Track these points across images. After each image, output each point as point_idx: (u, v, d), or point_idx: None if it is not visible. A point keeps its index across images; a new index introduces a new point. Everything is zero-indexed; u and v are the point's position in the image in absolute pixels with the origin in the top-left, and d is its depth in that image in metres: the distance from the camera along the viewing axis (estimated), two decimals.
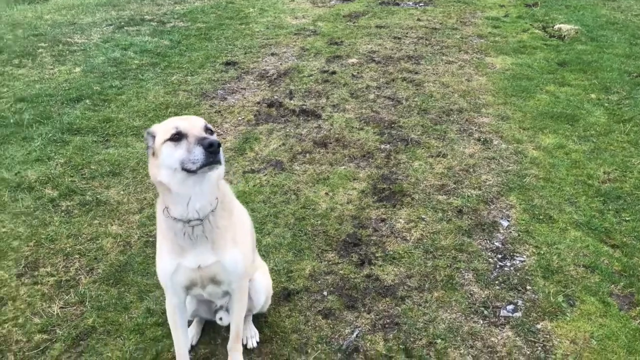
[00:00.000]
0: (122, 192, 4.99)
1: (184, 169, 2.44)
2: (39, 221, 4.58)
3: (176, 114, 6.47)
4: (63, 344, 3.45)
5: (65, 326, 3.57)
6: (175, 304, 2.88)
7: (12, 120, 6.23)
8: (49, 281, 3.95)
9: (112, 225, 4.55)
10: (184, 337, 3.00)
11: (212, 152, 2.40)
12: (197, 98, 7.01)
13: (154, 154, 2.52)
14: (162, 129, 2.53)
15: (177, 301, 2.87)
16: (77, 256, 4.20)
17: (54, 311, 3.68)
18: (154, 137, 2.53)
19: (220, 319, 3.20)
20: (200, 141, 2.40)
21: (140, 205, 4.80)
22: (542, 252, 4.24)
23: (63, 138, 5.90)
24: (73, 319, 3.63)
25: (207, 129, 2.54)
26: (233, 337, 3.11)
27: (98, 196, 4.92)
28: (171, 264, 2.69)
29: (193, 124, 2.52)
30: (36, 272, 4.03)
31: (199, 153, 2.39)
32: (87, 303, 3.75)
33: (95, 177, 5.21)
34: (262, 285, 3.30)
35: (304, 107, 6.62)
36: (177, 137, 2.45)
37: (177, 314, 2.91)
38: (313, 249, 4.23)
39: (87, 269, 4.08)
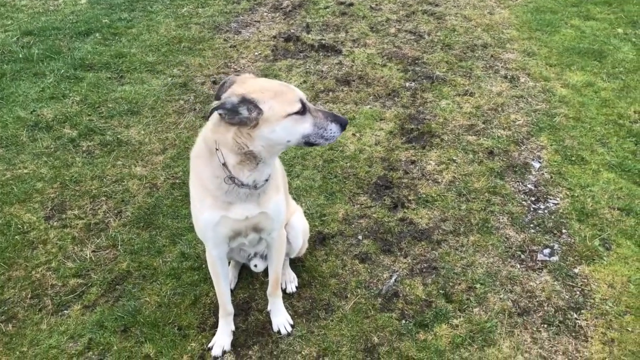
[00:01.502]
0: (142, 132, 4.85)
1: (308, 143, 2.40)
2: (60, 162, 4.47)
3: (190, 49, 6.26)
4: (99, 288, 3.42)
5: (99, 270, 3.54)
6: (216, 256, 2.82)
7: (21, 55, 6.00)
8: (77, 224, 3.88)
9: (136, 166, 4.45)
10: (226, 287, 2.97)
11: (343, 130, 2.46)
12: (211, 31, 6.75)
13: (255, 125, 2.29)
14: (273, 98, 2.28)
15: (218, 253, 2.80)
16: (103, 198, 4.12)
17: (86, 255, 3.64)
18: (256, 106, 2.27)
19: (255, 265, 3.16)
20: (336, 118, 2.42)
21: (162, 146, 4.68)
22: (575, 195, 4.17)
23: (76, 74, 5.70)
24: (107, 263, 3.59)
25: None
26: (272, 284, 3.08)
27: (119, 136, 4.79)
28: (213, 217, 2.59)
29: (303, 95, 2.42)
30: (64, 215, 3.95)
31: (336, 130, 2.42)
32: (119, 247, 3.70)
33: (114, 116, 5.06)
34: (299, 229, 3.24)
35: (323, 41, 6.39)
36: (303, 110, 2.35)
37: (219, 265, 2.86)
38: (344, 192, 4.15)
39: (115, 211, 4.00)
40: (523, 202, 4.11)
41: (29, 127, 4.88)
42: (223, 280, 2.92)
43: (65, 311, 3.28)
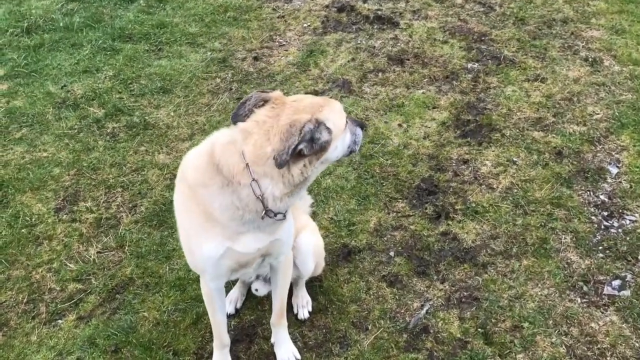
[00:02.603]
0: (172, 114, 4.50)
1: (351, 152, 2.28)
2: (82, 145, 4.19)
3: (235, 19, 5.82)
4: (98, 297, 3.12)
5: (101, 275, 3.24)
6: (213, 288, 2.46)
7: (61, 24, 5.75)
8: (87, 219, 3.60)
9: (159, 153, 4.11)
10: (222, 318, 2.60)
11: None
12: None
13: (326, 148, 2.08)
14: (330, 113, 2.11)
15: (216, 285, 2.45)
16: (119, 189, 3.81)
17: (90, 256, 3.35)
18: (326, 127, 2.03)
19: (257, 290, 2.78)
20: (359, 123, 2.34)
21: (190, 131, 4.31)
22: None
23: (113, 46, 5.39)
24: (110, 267, 3.29)
25: None
26: (277, 312, 2.68)
27: (146, 117, 4.45)
28: (217, 249, 2.20)
29: None
30: (75, 207, 3.68)
31: (361, 134, 2.32)
32: (126, 248, 3.38)
33: (145, 94, 4.73)
34: (308, 251, 2.78)
35: (379, 12, 5.77)
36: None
37: (216, 296, 2.50)
38: (380, 195, 3.64)
39: (130, 205, 3.69)
40: (592, 218, 3.47)
41: (56, 104, 4.63)
42: (220, 312, 2.55)
43: (58, 321, 3.01)
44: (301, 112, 2.01)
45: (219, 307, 2.52)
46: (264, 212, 2.05)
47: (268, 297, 3.03)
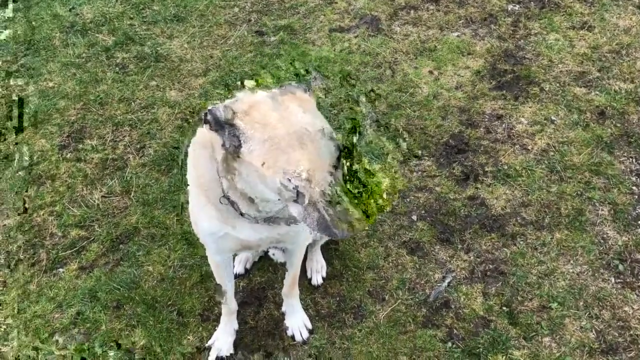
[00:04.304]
0: (185, 45, 4.19)
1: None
2: (89, 76, 3.94)
3: None
4: (101, 246, 2.97)
5: (105, 222, 3.07)
6: (219, 261, 2.30)
7: None
8: (93, 158, 3.40)
9: (171, 89, 3.85)
10: (230, 286, 2.43)
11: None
12: None
13: (238, 155, 1.65)
14: (262, 142, 1.58)
15: (222, 258, 2.29)
16: (127, 128, 3.59)
17: (94, 200, 3.17)
18: (236, 136, 1.63)
19: (274, 254, 2.59)
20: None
21: (205, 66, 4.02)
22: None
23: None
24: (115, 214, 3.11)
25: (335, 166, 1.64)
26: (289, 284, 2.51)
27: (158, 49, 4.15)
28: (216, 231, 2.00)
29: (322, 160, 1.60)
30: (80, 145, 3.48)
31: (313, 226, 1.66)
32: (132, 194, 3.20)
33: (158, 22, 4.40)
34: None
35: None
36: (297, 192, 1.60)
37: (223, 268, 2.33)
38: (404, 152, 3.39)
39: (138, 146, 3.48)
40: (633, 189, 3.20)
41: (64, 28, 4.33)
42: (228, 281, 2.39)
43: (59, 269, 2.87)
44: (253, 113, 1.63)
45: (227, 275, 2.36)
46: (222, 196, 1.82)
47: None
